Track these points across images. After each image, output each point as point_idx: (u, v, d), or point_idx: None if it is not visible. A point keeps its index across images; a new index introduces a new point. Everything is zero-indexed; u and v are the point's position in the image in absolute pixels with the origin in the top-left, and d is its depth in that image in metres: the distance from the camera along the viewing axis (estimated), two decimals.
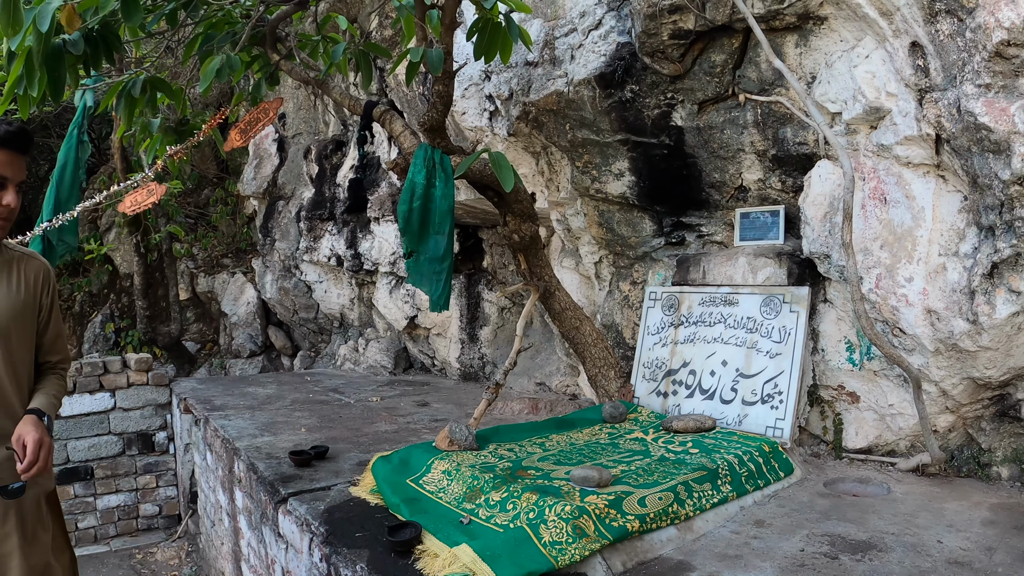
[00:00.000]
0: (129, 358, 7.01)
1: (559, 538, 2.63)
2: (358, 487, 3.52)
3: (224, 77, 3.57)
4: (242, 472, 4.31)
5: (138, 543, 6.96)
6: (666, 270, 4.70)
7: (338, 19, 4.40)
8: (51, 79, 3.23)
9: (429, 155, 3.56)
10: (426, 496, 3.19)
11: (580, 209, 4.97)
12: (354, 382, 6.69)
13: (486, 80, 4.99)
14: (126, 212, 5.41)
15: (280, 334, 9.00)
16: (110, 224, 9.85)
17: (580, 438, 3.91)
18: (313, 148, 7.96)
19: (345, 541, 2.95)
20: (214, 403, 5.79)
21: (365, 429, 4.75)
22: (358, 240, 7.09)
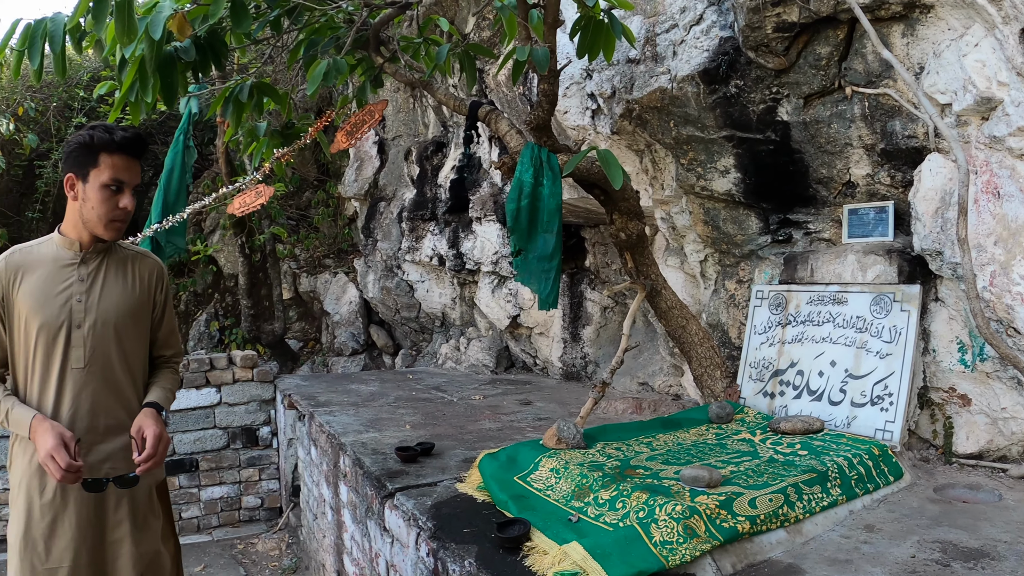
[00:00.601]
0: (235, 355, 7.16)
1: (670, 538, 2.60)
2: (464, 483, 3.53)
3: (331, 81, 3.61)
4: (348, 467, 4.36)
5: (239, 534, 7.12)
6: (773, 268, 4.62)
7: (439, 21, 4.42)
8: (164, 85, 3.30)
9: (536, 154, 3.55)
10: (534, 493, 3.18)
11: (685, 207, 4.92)
12: (456, 380, 6.72)
13: (587, 79, 4.98)
14: (235, 213, 5.51)
15: (382, 333, 9.09)
16: (214, 226, 10.05)
17: (687, 438, 3.86)
18: (414, 150, 8.02)
19: (453, 536, 2.96)
20: (318, 399, 5.86)
21: (469, 427, 4.76)
22: (460, 240, 7.12)
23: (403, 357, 8.69)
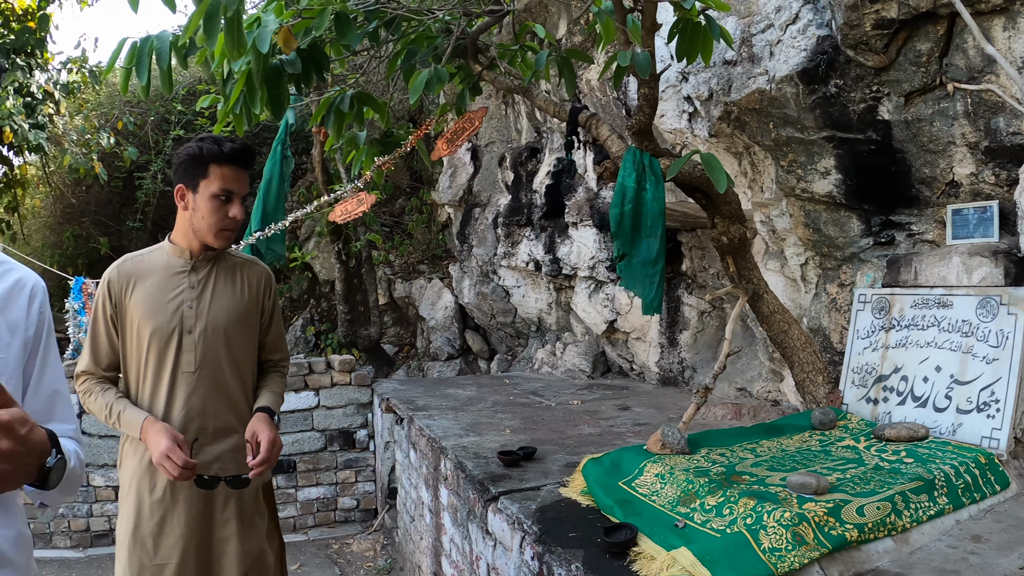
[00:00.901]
0: (333, 359, 7.29)
1: (778, 544, 2.58)
2: (568, 488, 3.54)
3: (433, 89, 3.65)
4: (449, 470, 4.39)
5: (335, 534, 7.25)
6: (875, 271, 4.54)
7: (535, 28, 4.44)
8: (271, 97, 3.39)
9: (638, 158, 3.55)
10: (639, 499, 3.17)
11: (785, 210, 4.87)
12: (553, 385, 6.72)
13: (683, 81, 4.95)
14: (337, 221, 5.60)
15: (477, 338, 9.13)
16: (309, 233, 10.22)
17: (791, 444, 3.82)
18: (508, 156, 8.05)
19: (558, 540, 2.97)
20: (417, 403, 5.92)
21: (568, 432, 4.77)
22: (556, 245, 7.12)
23: (498, 362, 8.72)
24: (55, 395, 1.98)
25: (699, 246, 6.27)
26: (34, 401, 1.92)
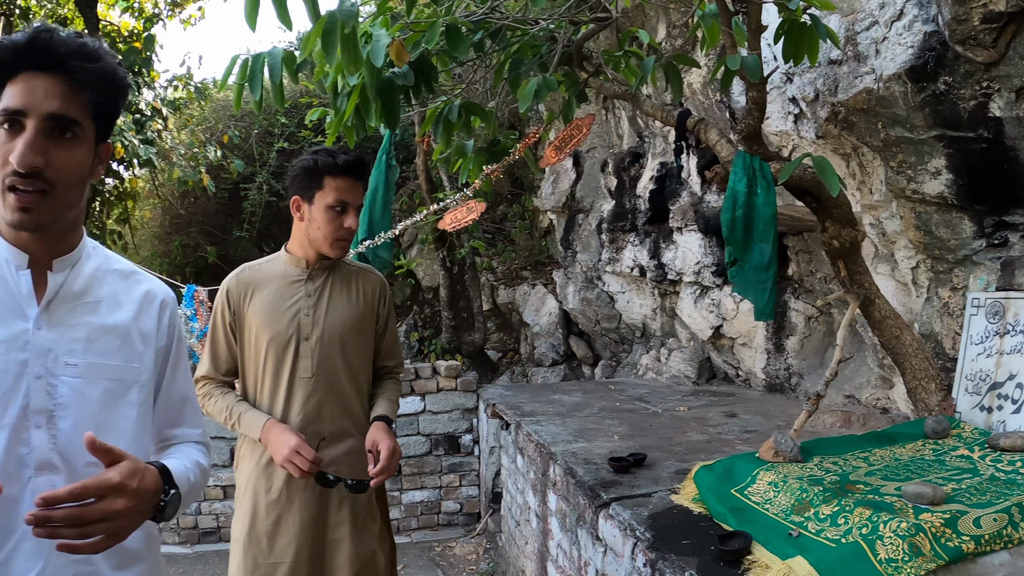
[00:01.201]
0: (439, 365, 7.37)
1: (895, 555, 2.54)
2: (679, 495, 3.53)
3: (542, 98, 3.68)
4: (558, 476, 4.41)
5: (438, 537, 7.35)
6: (989, 274, 4.43)
7: (639, 33, 4.43)
8: (385, 109, 3.46)
9: (748, 163, 3.53)
10: (751, 507, 3.15)
11: (895, 212, 4.78)
12: (658, 391, 6.70)
13: (788, 82, 4.89)
14: (447, 229, 5.67)
15: (581, 344, 9.14)
16: (412, 241, 10.33)
17: (903, 453, 3.75)
18: (610, 161, 8.04)
19: (672, 547, 2.97)
20: (523, 409, 5.95)
21: (677, 438, 4.75)
22: (661, 250, 7.09)
23: (602, 368, 8.72)
24: (184, 401, 2.08)
25: (805, 250, 6.19)
26: (165, 407, 2.02)
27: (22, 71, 1.66)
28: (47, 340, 1.76)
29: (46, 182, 1.66)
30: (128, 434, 1.84)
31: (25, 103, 1.64)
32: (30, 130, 1.64)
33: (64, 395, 1.75)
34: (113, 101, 1.79)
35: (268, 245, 12.03)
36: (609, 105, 7.89)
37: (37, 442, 1.72)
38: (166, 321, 1.99)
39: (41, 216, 1.69)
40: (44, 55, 1.65)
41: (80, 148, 1.73)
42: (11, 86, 1.66)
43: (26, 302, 1.77)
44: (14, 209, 1.66)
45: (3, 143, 1.65)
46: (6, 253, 1.78)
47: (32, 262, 1.79)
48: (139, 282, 1.98)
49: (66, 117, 1.68)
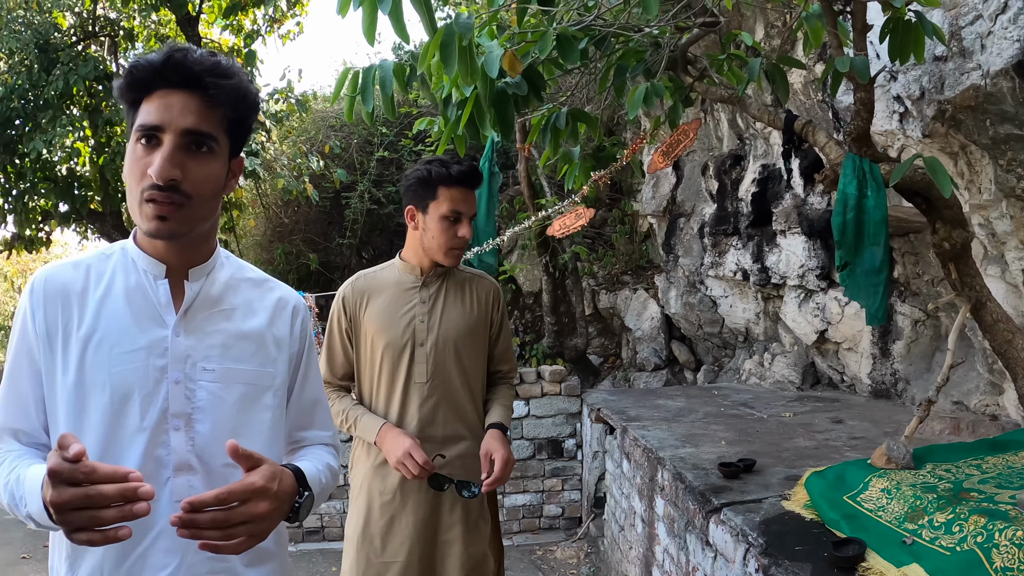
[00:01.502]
0: (543, 370, 7.41)
1: (1011, 564, 2.50)
2: (790, 501, 3.52)
3: (651, 104, 3.69)
4: (666, 481, 4.42)
5: (539, 540, 7.38)
6: None
7: (742, 36, 4.41)
8: (500, 118, 3.51)
9: (858, 165, 3.49)
10: (865, 514, 3.13)
11: (1005, 211, 4.67)
12: (762, 397, 6.64)
13: (892, 81, 4.81)
14: (556, 235, 5.71)
15: (683, 348, 9.10)
16: (512, 246, 10.39)
17: (1016, 461, 3.67)
18: (711, 164, 7.99)
19: (785, 553, 2.96)
20: (628, 414, 5.96)
21: (784, 444, 4.72)
22: (764, 254, 7.03)
23: (705, 373, 8.67)
24: (315, 404, 2.15)
25: (911, 252, 6.08)
26: (296, 411, 2.09)
27: (157, 89, 1.73)
28: (185, 346, 1.84)
29: (183, 194, 1.73)
30: (262, 436, 1.91)
31: (162, 119, 1.71)
32: (168, 144, 1.71)
33: (202, 399, 1.83)
34: (246, 117, 1.86)
35: (368, 252, 12.23)
36: (708, 108, 7.84)
37: (176, 444, 1.79)
38: (298, 327, 2.06)
39: (177, 225, 1.76)
40: (179, 73, 1.72)
41: (215, 162, 1.80)
42: (147, 103, 1.74)
43: (164, 310, 1.85)
44: (151, 218, 1.72)
45: (140, 158, 1.72)
46: (144, 264, 1.87)
47: (169, 272, 1.87)
48: (271, 289, 2.06)
49: (202, 132, 1.74)
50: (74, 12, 11.30)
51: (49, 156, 10.46)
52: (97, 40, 11.53)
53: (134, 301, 1.84)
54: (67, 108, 10.44)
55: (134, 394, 1.77)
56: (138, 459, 1.76)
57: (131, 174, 1.74)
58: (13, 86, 9.86)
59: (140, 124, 1.72)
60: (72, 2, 11.17)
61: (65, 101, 10.34)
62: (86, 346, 1.78)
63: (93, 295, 1.83)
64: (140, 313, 1.83)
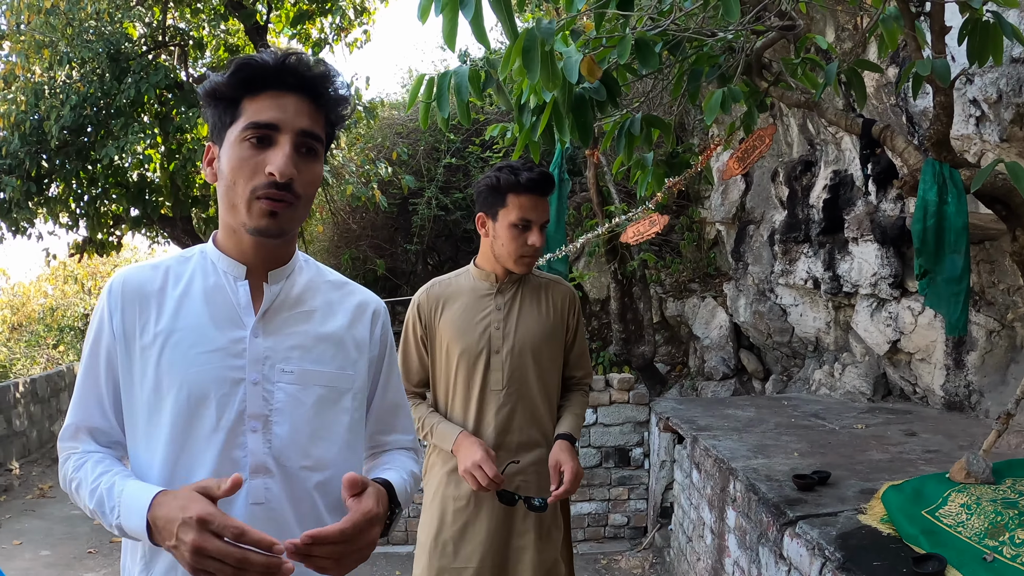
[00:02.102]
0: (612, 378, 7.37)
1: None
2: (867, 515, 3.45)
3: (727, 109, 3.65)
4: (738, 492, 4.36)
5: (604, 549, 7.32)
6: None
7: (817, 39, 4.35)
8: (578, 124, 3.50)
9: (938, 171, 3.41)
10: (943, 529, 3.06)
11: None
12: (832, 408, 6.54)
13: (968, 84, 4.70)
14: (629, 242, 5.68)
15: (752, 357, 8.99)
16: (579, 253, 10.36)
17: None
18: (780, 170, 7.89)
19: (863, 568, 2.91)
20: (698, 423, 5.90)
21: (857, 456, 4.63)
22: (836, 262, 6.92)
23: (773, 382, 8.56)
24: (397, 408, 2.17)
25: (987, 260, 5.95)
26: (378, 414, 2.11)
27: (268, 90, 1.77)
28: (263, 348, 1.85)
29: (294, 194, 1.77)
30: (340, 440, 1.91)
31: (278, 118, 1.75)
32: (286, 144, 1.75)
33: (280, 401, 1.83)
34: (340, 123, 1.92)
35: (434, 258, 12.29)
36: (778, 113, 7.75)
37: (253, 446, 1.80)
38: (379, 331, 2.07)
39: (285, 223, 1.79)
40: (294, 77, 1.77)
41: (319, 165, 1.85)
42: (254, 102, 1.77)
43: (244, 311, 1.86)
44: (263, 215, 1.76)
45: (251, 156, 1.75)
46: (224, 265, 1.89)
47: (249, 274, 1.89)
48: (351, 293, 2.08)
49: (315, 134, 1.79)
50: (144, 22, 11.58)
51: (121, 162, 10.70)
52: (167, 49, 11.81)
53: (213, 302, 1.86)
54: (138, 116, 10.67)
55: (211, 395, 1.78)
56: (214, 460, 1.77)
57: (239, 172, 1.76)
58: (86, 94, 10.08)
59: (253, 122, 1.75)
60: (142, 12, 11.43)
61: (136, 109, 10.59)
62: (164, 346, 1.80)
63: (171, 296, 1.85)
64: (218, 314, 1.85)
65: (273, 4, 11.79)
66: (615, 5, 3.52)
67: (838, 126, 4.20)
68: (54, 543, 8.10)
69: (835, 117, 4.06)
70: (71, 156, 10.52)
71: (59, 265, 20.01)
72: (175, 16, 12.05)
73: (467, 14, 2.75)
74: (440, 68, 12.24)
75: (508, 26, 2.88)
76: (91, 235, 12.10)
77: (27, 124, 10.08)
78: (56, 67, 10.27)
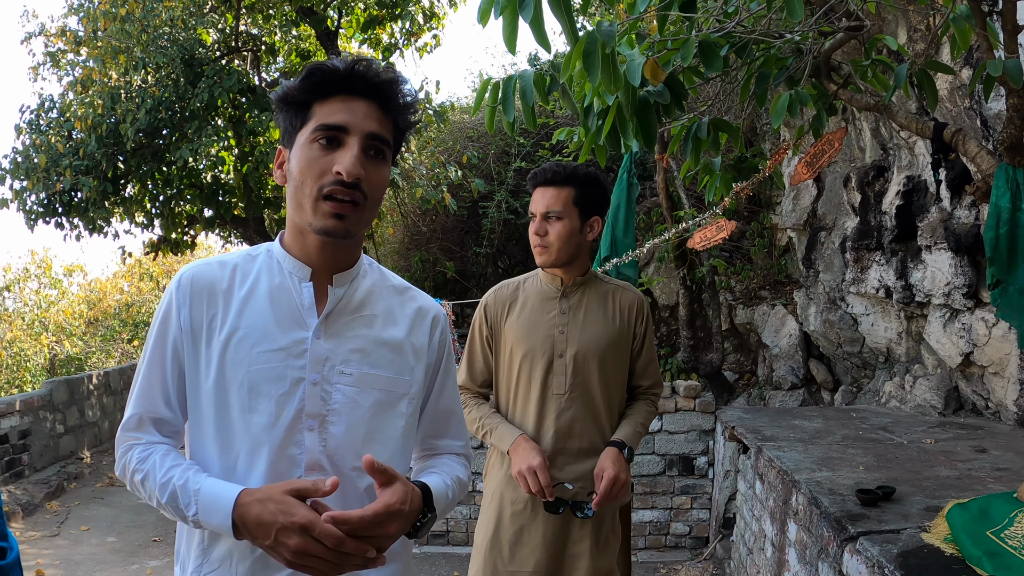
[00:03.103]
0: (678, 385, 7.29)
1: None
2: (930, 534, 3.34)
3: (795, 112, 3.58)
4: (800, 505, 4.27)
5: (663, 558, 7.25)
6: None
7: (886, 40, 4.24)
8: (642, 127, 3.48)
9: (1011, 176, 3.30)
10: (1009, 551, 2.94)
11: None
12: (902, 421, 6.38)
13: None
14: (696, 248, 5.62)
15: (821, 367, 8.83)
16: (649, 258, 10.29)
17: None
18: (853, 176, 7.74)
19: None
20: (763, 433, 5.79)
21: (924, 472, 4.50)
22: (908, 270, 6.75)
23: (843, 393, 8.39)
24: (450, 415, 2.19)
25: None
26: (431, 419, 2.15)
27: (338, 94, 1.83)
28: (324, 349, 1.90)
29: (362, 194, 1.82)
30: (394, 443, 1.96)
31: (347, 121, 1.81)
32: (355, 145, 1.80)
33: (338, 402, 1.89)
34: (407, 129, 1.98)
35: (504, 262, 12.31)
36: (850, 116, 7.60)
37: (309, 444, 1.85)
38: (437, 338, 2.10)
39: (351, 225, 1.83)
40: (363, 82, 1.83)
41: (386, 168, 1.91)
42: (324, 106, 1.83)
43: (307, 313, 1.91)
44: (329, 215, 1.81)
45: (319, 157, 1.81)
46: (290, 266, 1.94)
47: (314, 276, 1.94)
48: (412, 299, 2.10)
49: (383, 137, 1.85)
50: (217, 28, 11.90)
51: (195, 164, 10.97)
52: (240, 55, 12.07)
53: (277, 302, 1.91)
54: (212, 119, 10.95)
55: (272, 392, 1.84)
56: (271, 455, 1.83)
57: (308, 172, 1.81)
58: (160, 98, 10.38)
59: (322, 124, 1.81)
60: (215, 19, 11.66)
61: (210, 112, 10.86)
62: (228, 343, 1.86)
63: (238, 294, 1.91)
64: (282, 314, 1.90)
65: (344, 10, 11.97)
66: (678, 7, 3.47)
67: (909, 130, 4.09)
68: (120, 530, 8.38)
69: (906, 120, 3.96)
70: (147, 158, 10.82)
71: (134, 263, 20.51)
72: (247, 22, 12.33)
73: (526, 16, 2.75)
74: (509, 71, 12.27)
75: (568, 28, 2.86)
76: (166, 234, 12.43)
77: (104, 127, 10.40)
78: (132, 72, 10.59)
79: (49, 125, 11.15)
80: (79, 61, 12.28)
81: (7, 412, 9.62)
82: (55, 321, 21.44)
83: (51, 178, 10.49)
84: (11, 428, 9.66)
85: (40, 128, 11.14)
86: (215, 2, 11.57)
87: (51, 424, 10.73)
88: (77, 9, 11.86)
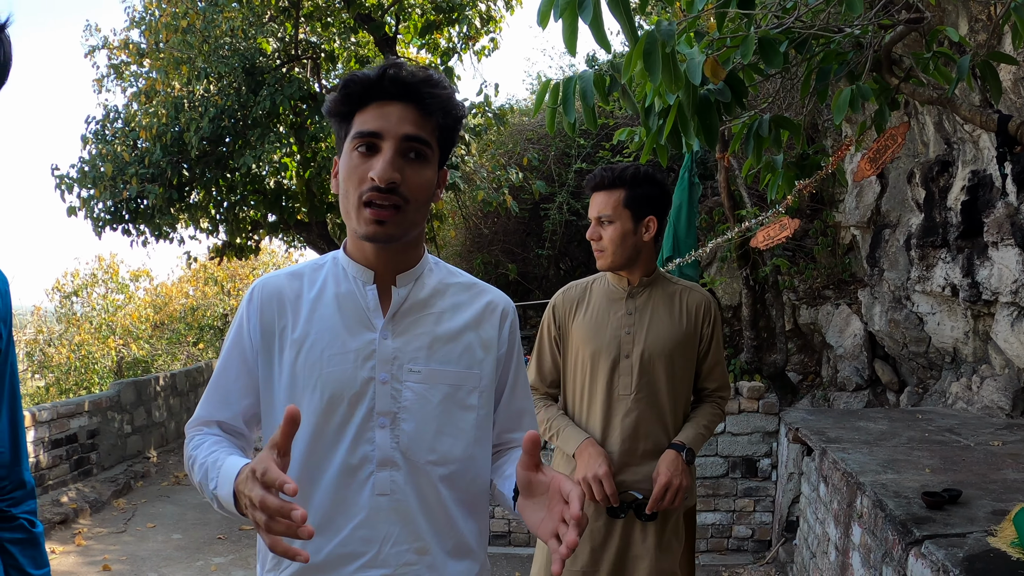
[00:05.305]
0: (741, 386, 7.25)
1: None
2: (996, 538, 3.27)
3: (856, 108, 3.54)
4: (865, 508, 4.21)
5: (725, 561, 7.22)
6: None
7: (947, 31, 4.16)
8: (703, 126, 3.48)
9: None
10: None
11: None
12: (968, 423, 6.25)
13: None
14: (759, 247, 5.57)
15: (886, 368, 8.69)
16: (711, 258, 10.22)
17: None
18: (916, 171, 7.61)
19: None
20: (828, 435, 5.72)
21: (992, 475, 4.41)
22: (975, 267, 6.61)
23: (908, 395, 8.25)
24: (522, 412, 2.21)
25: None
26: (505, 417, 2.16)
27: (373, 101, 1.86)
28: (392, 348, 1.95)
29: (401, 197, 1.84)
30: (466, 436, 1.99)
31: (380, 126, 1.83)
32: (388, 150, 1.82)
33: (408, 399, 1.94)
34: (454, 127, 1.97)
35: (565, 263, 12.31)
36: (912, 111, 7.48)
37: (381, 441, 1.91)
38: (507, 330, 2.13)
39: (393, 229, 1.86)
40: (395, 85, 1.85)
41: (428, 169, 1.90)
42: (362, 115, 1.87)
43: (373, 314, 1.97)
44: (369, 222, 1.84)
45: (359, 165, 1.85)
46: (354, 271, 2.00)
47: (377, 278, 1.99)
48: (480, 293, 2.13)
49: (419, 137, 1.86)
50: (277, 37, 12.14)
51: (258, 171, 11.13)
52: (300, 62, 12.27)
53: (344, 306, 1.97)
54: (274, 126, 11.15)
55: (343, 394, 1.90)
56: (344, 454, 1.90)
57: (349, 180, 1.86)
58: (223, 107, 10.62)
59: (358, 132, 1.85)
60: (275, 28, 11.87)
61: (272, 119, 11.07)
62: (299, 349, 1.93)
63: (306, 302, 1.98)
64: (350, 318, 1.96)
65: (401, 16, 12.08)
66: (736, 4, 3.44)
67: (973, 123, 4.01)
68: (186, 528, 8.58)
69: (970, 113, 3.89)
70: (210, 165, 11.04)
71: (199, 267, 20.81)
72: (307, 31, 12.53)
73: (585, 18, 2.76)
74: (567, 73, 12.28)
75: (628, 28, 2.86)
76: (230, 239, 12.65)
77: (168, 135, 10.62)
78: (194, 82, 10.84)
79: (115, 135, 11.43)
80: (142, 72, 12.59)
81: (76, 412, 9.90)
82: (122, 325, 21.86)
83: (118, 186, 10.75)
84: (80, 428, 9.94)
85: (106, 138, 11.43)
86: (274, 12, 11.76)
87: (119, 424, 11.02)
88: (139, 22, 12.18)
